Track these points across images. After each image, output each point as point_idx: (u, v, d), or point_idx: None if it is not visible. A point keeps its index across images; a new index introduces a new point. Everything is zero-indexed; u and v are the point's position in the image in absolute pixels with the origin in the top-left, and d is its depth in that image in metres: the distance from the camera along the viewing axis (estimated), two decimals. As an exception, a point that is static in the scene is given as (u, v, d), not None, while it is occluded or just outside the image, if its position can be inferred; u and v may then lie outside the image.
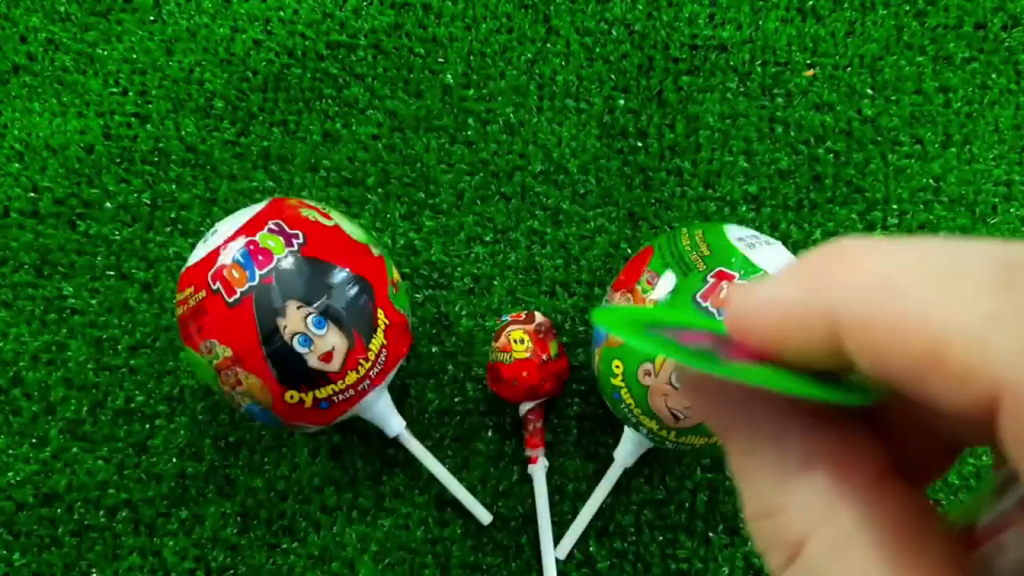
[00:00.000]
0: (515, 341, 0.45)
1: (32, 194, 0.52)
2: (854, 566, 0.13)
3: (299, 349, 0.38)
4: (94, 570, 0.48)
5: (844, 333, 0.13)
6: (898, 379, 0.12)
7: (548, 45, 0.54)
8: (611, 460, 0.46)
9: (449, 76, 0.53)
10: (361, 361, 0.39)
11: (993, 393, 0.11)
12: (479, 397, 0.49)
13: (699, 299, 0.37)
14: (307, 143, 0.53)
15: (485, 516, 0.46)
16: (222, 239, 0.39)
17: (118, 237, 0.52)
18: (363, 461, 0.48)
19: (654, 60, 0.54)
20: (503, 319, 0.47)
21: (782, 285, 0.14)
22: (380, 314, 0.40)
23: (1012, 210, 0.51)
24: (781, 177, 0.52)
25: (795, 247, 0.50)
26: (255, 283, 0.38)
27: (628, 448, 0.44)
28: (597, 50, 0.54)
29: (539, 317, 0.46)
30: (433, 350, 0.50)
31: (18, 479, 0.48)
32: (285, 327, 0.37)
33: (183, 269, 0.40)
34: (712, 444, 0.39)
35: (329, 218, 0.41)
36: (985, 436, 0.12)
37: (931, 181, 0.52)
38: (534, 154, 0.52)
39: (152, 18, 0.55)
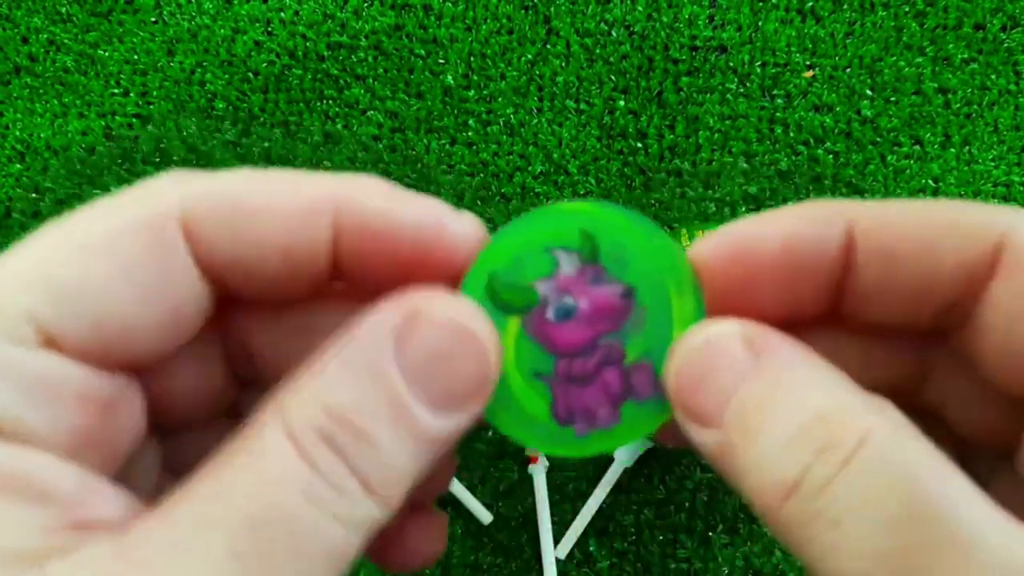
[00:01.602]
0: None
1: (34, 195, 0.52)
2: (917, 447, 0.13)
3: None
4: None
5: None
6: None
7: (548, 46, 0.54)
8: (611, 460, 0.46)
9: (450, 77, 0.54)
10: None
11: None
12: (479, 397, 0.49)
13: (699, 299, 0.37)
14: (308, 144, 0.53)
15: (485, 516, 0.47)
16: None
17: (119, 238, 0.52)
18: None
19: (654, 61, 0.54)
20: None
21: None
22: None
23: (1011, 211, 0.51)
24: (781, 178, 0.52)
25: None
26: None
27: (628, 448, 0.44)
28: (597, 51, 0.54)
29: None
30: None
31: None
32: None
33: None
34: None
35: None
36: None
37: (930, 182, 0.52)
38: (534, 155, 0.52)
39: (153, 19, 0.56)
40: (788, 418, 0.13)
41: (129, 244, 0.14)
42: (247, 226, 0.14)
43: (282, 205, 0.14)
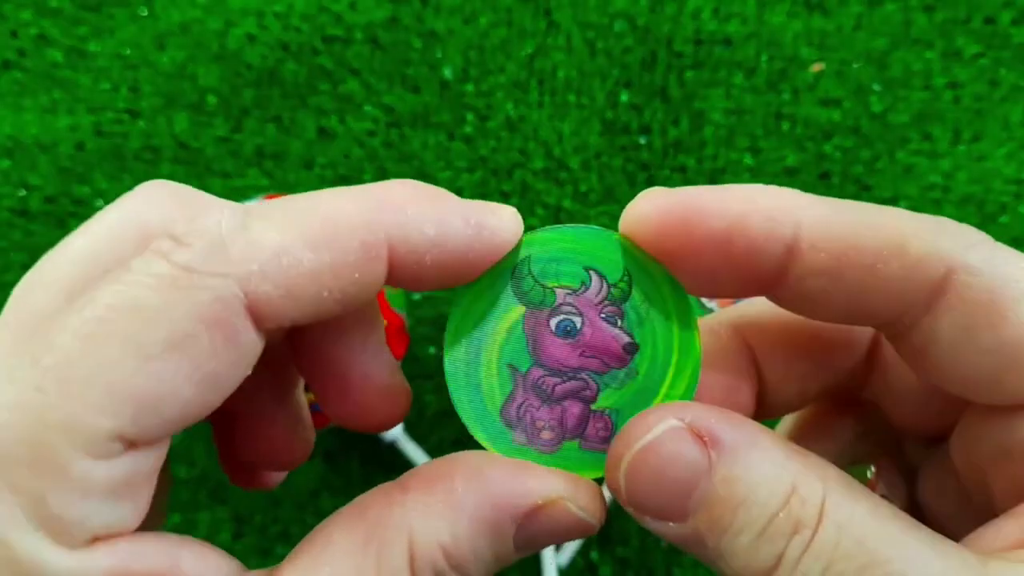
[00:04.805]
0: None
1: (22, 192, 0.51)
2: (862, 510, 0.14)
3: (292, 351, 0.37)
4: None
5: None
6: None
7: (549, 39, 0.53)
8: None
9: (447, 71, 0.53)
10: (356, 363, 0.39)
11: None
12: (478, 400, 0.48)
13: (702, 299, 0.36)
14: (302, 140, 0.52)
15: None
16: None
17: (109, 236, 0.51)
18: (359, 466, 0.48)
19: (657, 55, 0.53)
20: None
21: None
22: (376, 315, 0.39)
23: (1022, 208, 0.51)
24: (787, 175, 0.51)
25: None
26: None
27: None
28: (599, 44, 0.53)
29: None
30: (431, 351, 0.49)
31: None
32: (278, 328, 0.37)
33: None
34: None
35: (324, 216, 0.40)
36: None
37: (940, 179, 0.51)
38: (534, 151, 0.51)
39: (144, 13, 0.55)
40: (757, 511, 0.14)
41: (201, 345, 0.15)
42: (310, 293, 0.15)
43: (342, 263, 0.15)
